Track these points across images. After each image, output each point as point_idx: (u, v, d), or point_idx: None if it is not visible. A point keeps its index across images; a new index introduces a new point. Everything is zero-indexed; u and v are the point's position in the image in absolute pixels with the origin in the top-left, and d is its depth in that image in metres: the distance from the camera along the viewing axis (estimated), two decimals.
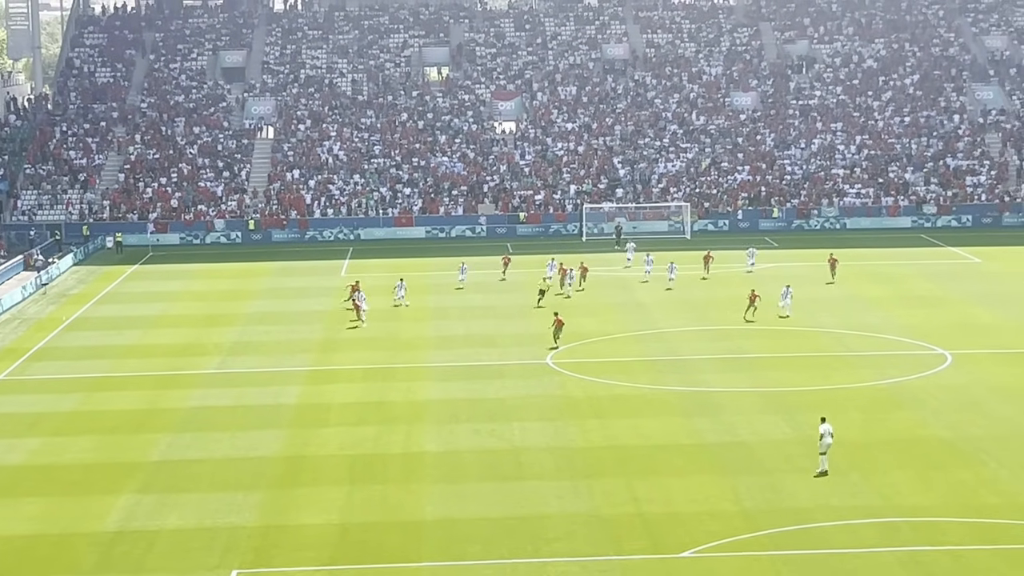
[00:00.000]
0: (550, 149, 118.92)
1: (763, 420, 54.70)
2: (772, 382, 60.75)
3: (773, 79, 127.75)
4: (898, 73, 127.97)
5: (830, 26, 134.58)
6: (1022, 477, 47.21)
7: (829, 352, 66.88)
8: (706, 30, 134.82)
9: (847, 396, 58.37)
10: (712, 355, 66.46)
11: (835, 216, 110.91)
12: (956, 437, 52.16)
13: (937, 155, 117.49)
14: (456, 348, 68.74)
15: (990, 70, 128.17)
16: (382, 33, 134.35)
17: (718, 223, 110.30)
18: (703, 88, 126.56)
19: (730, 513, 44.08)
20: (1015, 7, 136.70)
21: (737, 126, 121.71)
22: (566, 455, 50.57)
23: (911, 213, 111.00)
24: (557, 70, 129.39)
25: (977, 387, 59.68)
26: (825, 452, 46.83)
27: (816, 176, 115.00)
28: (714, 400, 58.15)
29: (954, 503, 44.71)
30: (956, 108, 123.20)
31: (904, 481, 46.67)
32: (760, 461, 49.46)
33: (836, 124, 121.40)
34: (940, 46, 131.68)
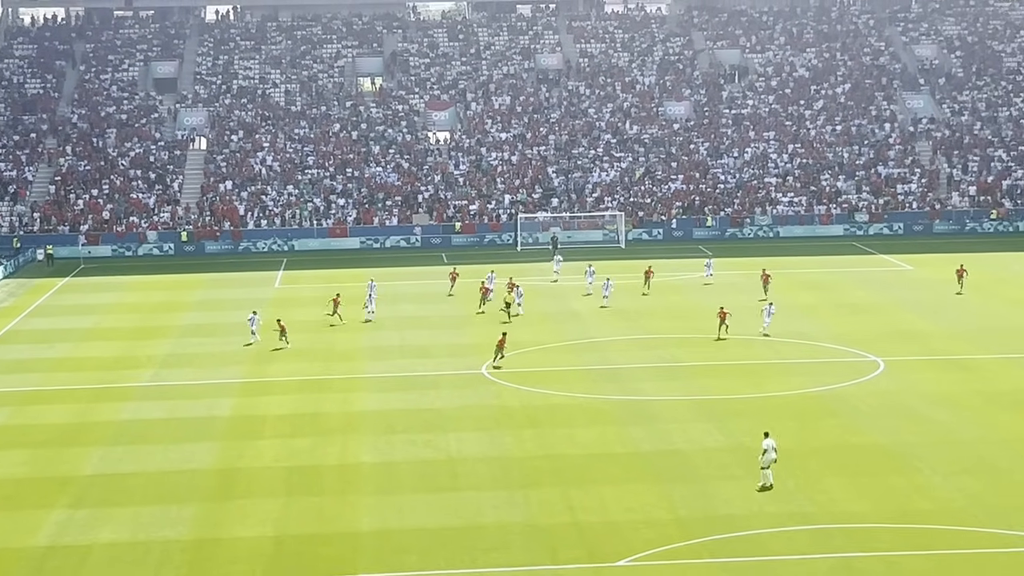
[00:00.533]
0: (484, 159, 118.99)
1: (697, 428, 54.86)
2: (706, 390, 60.96)
3: (706, 88, 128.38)
4: (829, 82, 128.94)
5: (762, 36, 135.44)
6: (954, 483, 47.57)
7: (763, 360, 67.17)
8: (639, 40, 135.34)
9: (781, 404, 58.64)
10: (647, 364, 66.59)
11: (768, 224, 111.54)
12: (889, 443, 52.50)
13: (868, 163, 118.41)
14: (391, 359, 68.56)
15: (920, 79, 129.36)
16: (315, 43, 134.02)
17: (652, 232, 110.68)
18: (637, 98, 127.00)
19: (665, 521, 44.17)
20: (944, 16, 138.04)
21: (671, 135, 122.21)
22: (502, 465, 50.52)
23: (843, 221, 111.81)
24: (491, 80, 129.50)
25: (909, 393, 60.11)
26: (768, 467, 46.75)
27: (749, 185, 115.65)
28: (649, 409, 58.27)
29: (887, 509, 44.98)
30: (887, 117, 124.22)
31: (838, 488, 46.92)
32: (694, 469, 49.60)
33: (769, 133, 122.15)
34: (871, 55, 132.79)
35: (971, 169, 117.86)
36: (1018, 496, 46.00)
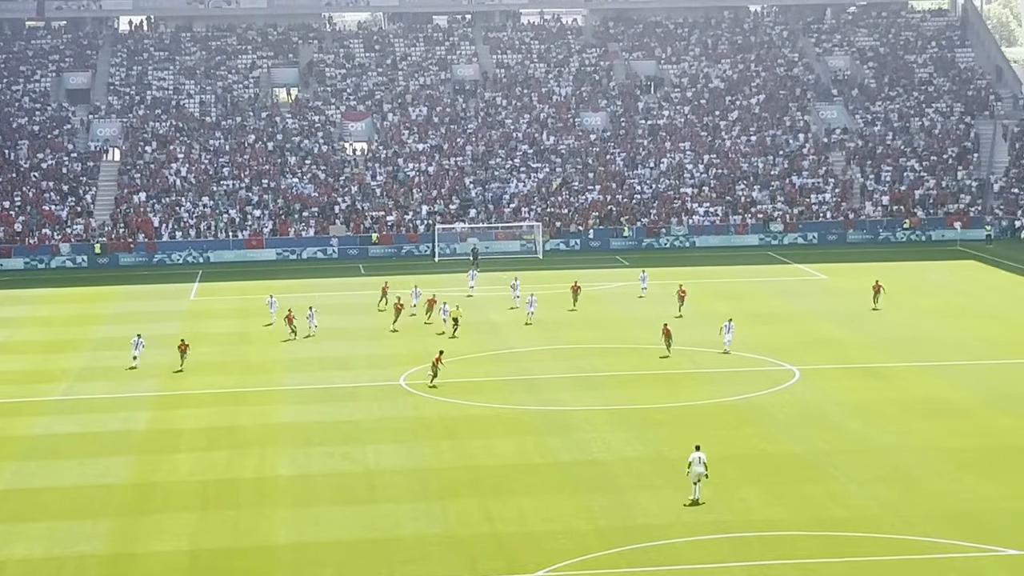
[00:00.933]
0: (401, 170, 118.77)
1: (616, 438, 55.01)
2: (624, 400, 61.13)
3: (622, 99, 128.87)
4: (744, 93, 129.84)
5: (677, 47, 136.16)
6: (869, 490, 47.98)
7: (680, 369, 67.46)
8: (555, 51, 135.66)
9: (698, 413, 58.94)
10: (565, 374, 66.70)
11: (684, 235, 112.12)
12: (805, 451, 52.89)
13: (783, 174, 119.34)
14: (309, 371, 68.25)
15: (833, 90, 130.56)
16: (230, 54, 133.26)
17: (570, 242, 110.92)
18: (553, 108, 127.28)
19: (584, 531, 44.23)
20: (856, 28, 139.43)
21: (587, 146, 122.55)
22: (420, 477, 50.41)
23: (758, 231, 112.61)
24: (408, 91, 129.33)
25: (824, 402, 60.59)
26: (698, 481, 46.50)
27: (665, 195, 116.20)
28: (567, 419, 58.35)
29: (804, 517, 45.30)
30: (801, 127, 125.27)
31: (754, 496, 47.18)
32: (613, 479, 49.72)
33: (684, 144, 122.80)
34: (785, 66, 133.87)
35: (884, 179, 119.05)
36: (932, 503, 46.47)
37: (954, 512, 45.50)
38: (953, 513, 45.40)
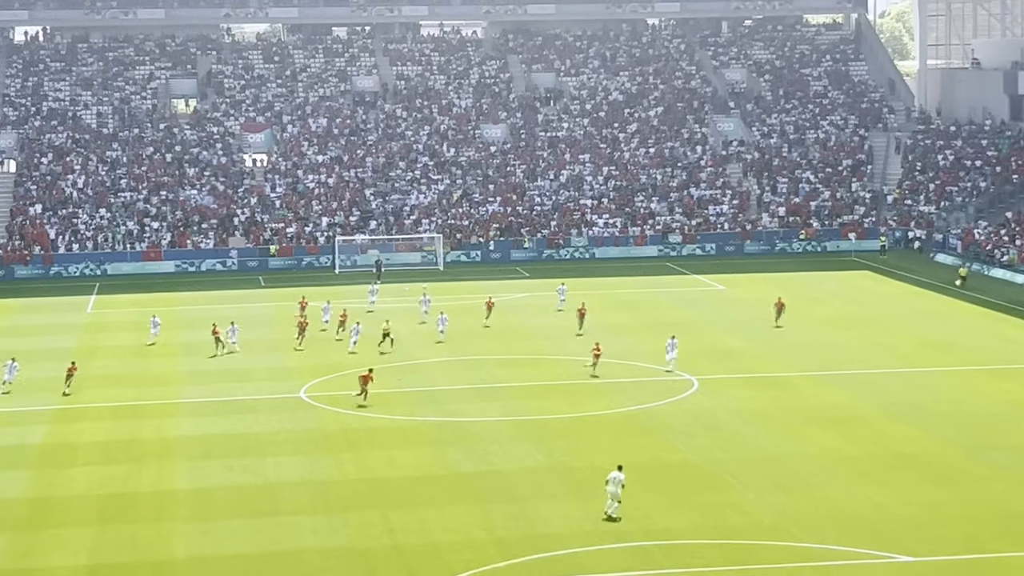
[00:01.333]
0: (301, 181, 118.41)
1: (516, 448, 55.24)
2: (525, 410, 61.37)
3: (522, 111, 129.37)
4: (643, 105, 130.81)
5: (576, 59, 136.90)
6: (766, 499, 48.55)
7: (580, 380, 67.82)
8: (455, 63, 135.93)
9: (598, 423, 59.31)
10: (466, 385, 66.85)
11: (584, 246, 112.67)
12: (703, 461, 53.42)
13: (681, 185, 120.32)
14: (209, 383, 67.85)
15: (730, 102, 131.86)
16: (127, 65, 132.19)
17: (471, 254, 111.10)
18: (453, 120, 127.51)
19: (485, 542, 44.39)
20: (753, 41, 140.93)
21: (487, 158, 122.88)
22: (321, 489, 50.33)
23: (657, 242, 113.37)
24: (307, 102, 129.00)
25: (722, 411, 61.20)
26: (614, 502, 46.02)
27: (565, 207, 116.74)
28: (469, 429, 58.51)
29: (703, 525, 45.76)
30: (699, 139, 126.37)
31: (654, 505, 47.58)
32: (514, 489, 49.93)
33: (584, 156, 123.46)
34: (682, 79, 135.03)
35: (780, 191, 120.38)
36: (828, 511, 47.11)
37: (850, 519, 46.17)
38: (849, 520, 46.06)
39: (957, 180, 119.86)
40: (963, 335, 78.51)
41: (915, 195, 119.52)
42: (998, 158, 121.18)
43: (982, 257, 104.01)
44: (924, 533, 44.82)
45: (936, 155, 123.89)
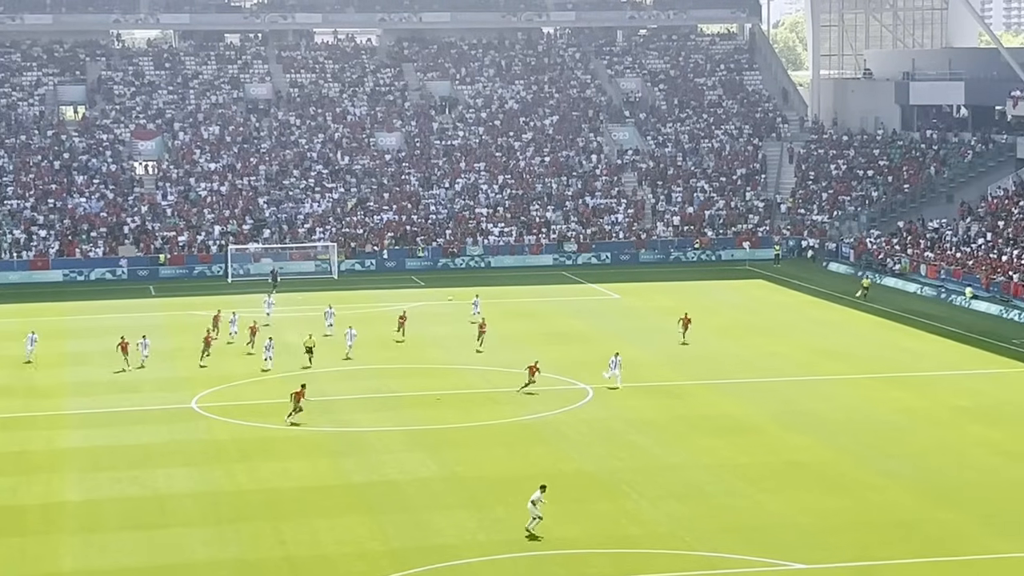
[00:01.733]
0: (193, 189, 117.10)
1: (411, 458, 54.79)
2: (420, 420, 60.94)
3: (417, 119, 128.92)
4: (538, 114, 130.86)
5: (471, 68, 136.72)
6: (661, 507, 48.48)
7: (475, 389, 67.49)
8: (349, 70, 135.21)
9: (492, 432, 59.02)
10: (360, 395, 66.31)
11: (480, 255, 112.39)
12: (598, 470, 53.27)
13: (577, 194, 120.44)
14: (98, 394, 66.72)
15: (625, 111, 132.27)
16: (14, 71, 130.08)
17: (365, 263, 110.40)
18: (348, 128, 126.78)
19: (378, 553, 43.92)
20: (647, 51, 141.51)
21: (382, 166, 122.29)
22: (212, 500, 49.58)
23: (553, 251, 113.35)
24: (199, 109, 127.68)
25: (617, 420, 61.12)
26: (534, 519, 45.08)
27: (460, 215, 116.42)
28: (362, 439, 57.99)
29: (598, 535, 45.56)
30: (594, 148, 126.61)
31: (549, 514, 47.23)
32: (407, 499, 49.50)
33: (479, 164, 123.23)
34: (578, 88, 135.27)
35: (675, 200, 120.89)
36: (722, 519, 47.10)
37: (744, 527, 46.19)
38: (743, 528, 46.08)
39: (850, 189, 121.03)
40: (857, 344, 79.11)
41: (808, 204, 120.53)
42: (890, 168, 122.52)
43: (874, 266, 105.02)
44: (817, 541, 44.92)
45: (829, 164, 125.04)
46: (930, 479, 51.67)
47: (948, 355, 76.30)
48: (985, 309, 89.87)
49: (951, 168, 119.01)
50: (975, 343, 79.03)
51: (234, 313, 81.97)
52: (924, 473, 52.36)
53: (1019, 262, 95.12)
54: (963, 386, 67.80)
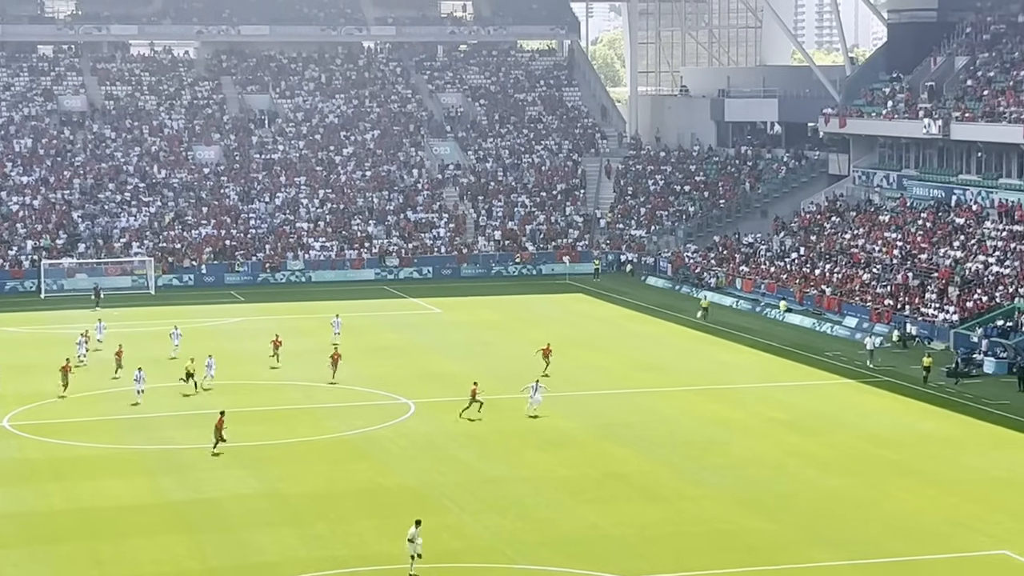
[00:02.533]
0: (4, 203, 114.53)
1: (230, 475, 54.18)
2: (239, 437, 60.14)
3: (236, 133, 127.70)
4: (359, 128, 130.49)
5: (291, 81, 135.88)
6: (482, 521, 48.58)
7: (297, 405, 67.02)
8: (167, 83, 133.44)
9: (313, 448, 58.64)
10: (177, 412, 65.40)
11: (300, 269, 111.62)
12: (420, 484, 53.21)
13: (398, 208, 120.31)
14: None
15: (446, 126, 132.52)
16: None
17: (183, 278, 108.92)
18: (165, 141, 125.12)
19: (196, 571, 43.37)
20: (468, 66, 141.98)
21: (200, 180, 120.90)
22: (25, 521, 48.50)
23: (374, 266, 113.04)
24: (12, 122, 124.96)
25: (439, 434, 61.13)
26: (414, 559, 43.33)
27: (281, 230, 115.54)
28: (180, 458, 57.19)
29: None
30: (415, 163, 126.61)
31: (370, 529, 47.16)
32: (227, 517, 48.92)
33: (300, 178, 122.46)
34: (399, 102, 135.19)
35: (496, 214, 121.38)
36: (543, 532, 47.34)
37: (565, 539, 46.48)
38: (564, 540, 46.36)
39: (667, 204, 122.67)
40: (674, 357, 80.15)
41: (627, 219, 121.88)
42: (706, 183, 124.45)
43: (691, 280, 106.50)
44: (635, 552, 45.37)
45: (647, 180, 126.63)
46: (746, 489, 52.52)
47: (763, 367, 77.68)
48: (799, 322, 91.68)
49: (765, 184, 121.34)
50: (789, 355, 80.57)
51: (83, 335, 78.33)
52: (740, 484, 53.19)
53: (831, 276, 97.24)
54: (777, 398, 69.09)
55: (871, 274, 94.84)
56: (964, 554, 45.36)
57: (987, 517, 48.96)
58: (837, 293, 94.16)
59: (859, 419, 63.51)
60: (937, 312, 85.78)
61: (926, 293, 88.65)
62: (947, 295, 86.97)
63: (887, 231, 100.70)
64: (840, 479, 54.11)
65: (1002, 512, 49.54)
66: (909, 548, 45.89)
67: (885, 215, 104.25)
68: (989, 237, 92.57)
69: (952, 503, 50.74)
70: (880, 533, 47.36)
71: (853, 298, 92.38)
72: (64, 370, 69.16)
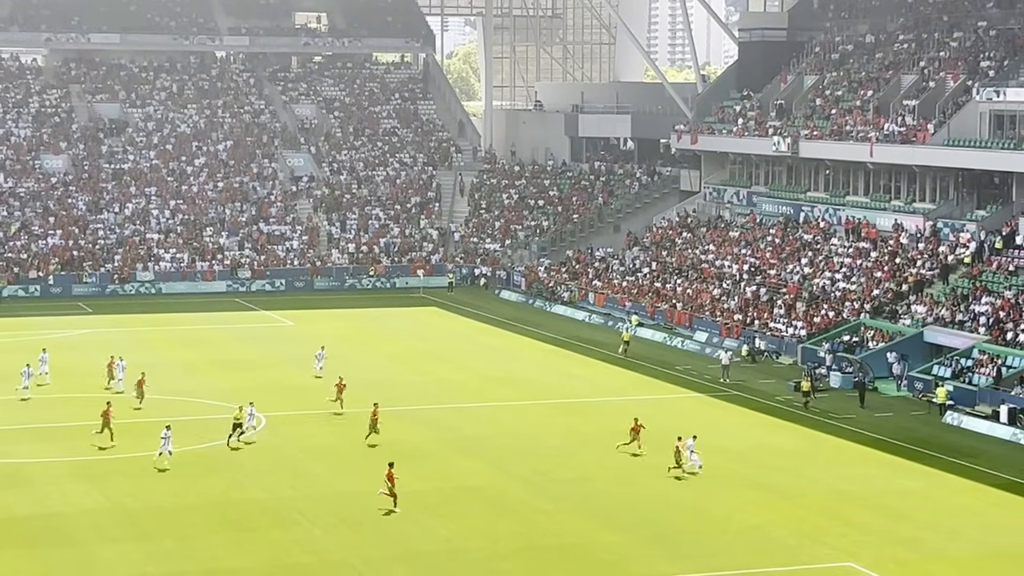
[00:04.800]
0: None
1: (75, 490, 53.26)
2: (86, 451, 59.23)
3: (84, 142, 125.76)
4: (212, 139, 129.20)
5: (142, 91, 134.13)
6: (333, 534, 48.27)
7: (144, 418, 65.89)
8: (14, 91, 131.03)
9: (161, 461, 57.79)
10: (20, 425, 64.12)
11: (151, 280, 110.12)
12: (270, 498, 52.72)
13: (251, 220, 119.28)
14: None
15: (300, 137, 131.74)
16: None
17: (29, 289, 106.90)
18: (12, 150, 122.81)
19: None
20: (323, 78, 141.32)
21: (48, 189, 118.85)
22: None
23: (226, 278, 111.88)
24: None
25: (290, 447, 60.67)
26: None
27: (130, 240, 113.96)
28: (24, 472, 56.06)
29: (268, 563, 45.08)
30: (268, 174, 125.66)
31: (219, 544, 46.60)
32: (72, 532, 48.06)
33: (150, 188, 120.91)
34: (252, 113, 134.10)
35: (350, 227, 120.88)
36: (394, 546, 47.17)
37: (416, 554, 46.34)
38: (415, 554, 46.23)
39: (521, 219, 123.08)
40: (527, 370, 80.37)
41: (481, 233, 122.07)
42: (560, 198, 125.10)
43: (544, 294, 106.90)
44: (488, 566, 45.36)
45: (501, 194, 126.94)
46: (597, 502, 52.77)
47: (614, 381, 78.19)
48: (650, 336, 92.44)
49: (618, 199, 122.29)
50: (640, 369, 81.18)
51: (44, 351, 75.14)
52: (591, 497, 53.43)
53: (682, 291, 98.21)
54: (628, 411, 69.41)
55: (721, 289, 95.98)
56: (811, 566, 46.00)
57: (833, 530, 49.70)
58: (688, 308, 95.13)
59: (709, 432, 64.10)
60: (785, 327, 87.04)
61: (774, 308, 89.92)
62: (795, 310, 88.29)
63: (737, 247, 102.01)
64: (690, 492, 54.61)
65: (848, 525, 50.32)
66: (757, 560, 46.42)
67: (735, 231, 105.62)
68: (836, 253, 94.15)
69: (799, 516, 51.45)
70: (729, 545, 47.87)
71: (703, 313, 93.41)
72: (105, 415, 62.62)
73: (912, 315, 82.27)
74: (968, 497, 54.94)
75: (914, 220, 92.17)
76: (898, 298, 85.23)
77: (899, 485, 56.09)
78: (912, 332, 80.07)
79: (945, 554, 47.43)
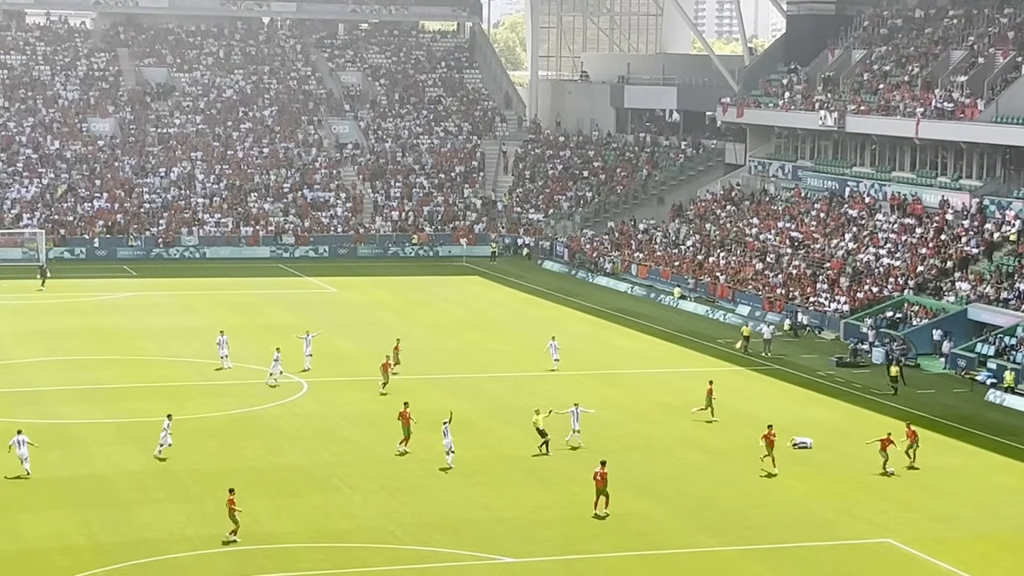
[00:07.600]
0: None
1: (119, 452, 53.71)
2: (129, 412, 59.74)
3: (132, 106, 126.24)
4: (257, 104, 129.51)
5: (189, 55, 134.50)
6: (372, 500, 48.53)
7: (188, 382, 66.48)
8: (62, 54, 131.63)
9: (204, 425, 58.20)
10: (67, 386, 64.67)
11: (195, 245, 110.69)
12: (310, 464, 53.03)
13: (295, 186, 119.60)
14: None
15: (346, 105, 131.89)
16: None
17: (75, 251, 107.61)
18: (59, 112, 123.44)
19: (82, 547, 42.93)
20: (369, 45, 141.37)
21: (94, 152, 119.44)
22: None
23: (270, 243, 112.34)
24: None
25: (331, 414, 60.96)
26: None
27: (176, 204, 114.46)
28: (69, 432, 56.60)
29: (309, 529, 45.38)
30: (313, 141, 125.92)
31: (260, 509, 46.91)
32: (115, 493, 48.50)
33: (196, 153, 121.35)
34: (298, 80, 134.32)
35: (393, 195, 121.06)
36: (433, 513, 47.39)
37: (454, 521, 46.55)
38: (453, 522, 46.44)
39: (565, 189, 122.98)
40: (571, 341, 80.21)
41: (525, 203, 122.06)
42: (604, 169, 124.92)
43: (587, 265, 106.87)
44: (525, 534, 45.54)
45: (545, 164, 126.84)
46: (636, 474, 52.82)
47: (656, 353, 78.17)
48: (692, 309, 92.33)
49: (663, 171, 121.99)
50: (682, 342, 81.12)
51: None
52: (630, 468, 53.45)
53: (725, 264, 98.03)
54: (670, 384, 69.57)
55: (764, 263, 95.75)
56: (849, 541, 46.01)
57: (872, 505, 49.67)
58: (730, 281, 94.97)
59: (749, 406, 64.08)
60: (828, 302, 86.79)
61: (818, 283, 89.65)
62: (838, 285, 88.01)
63: (781, 221, 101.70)
64: (729, 465, 54.62)
65: (886, 501, 50.27)
66: (795, 534, 46.46)
67: (779, 205, 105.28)
68: (881, 229, 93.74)
69: (838, 491, 51.41)
70: (767, 520, 47.91)
71: (746, 286, 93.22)
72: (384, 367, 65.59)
73: (956, 292, 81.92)
74: (1009, 476, 54.77)
75: (960, 197, 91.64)
76: (942, 275, 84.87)
77: (939, 462, 55.91)
78: (956, 309, 79.72)
79: (984, 532, 47.35)
